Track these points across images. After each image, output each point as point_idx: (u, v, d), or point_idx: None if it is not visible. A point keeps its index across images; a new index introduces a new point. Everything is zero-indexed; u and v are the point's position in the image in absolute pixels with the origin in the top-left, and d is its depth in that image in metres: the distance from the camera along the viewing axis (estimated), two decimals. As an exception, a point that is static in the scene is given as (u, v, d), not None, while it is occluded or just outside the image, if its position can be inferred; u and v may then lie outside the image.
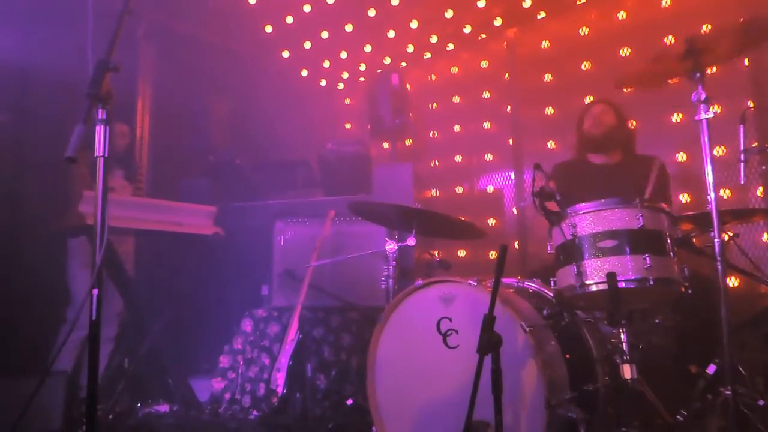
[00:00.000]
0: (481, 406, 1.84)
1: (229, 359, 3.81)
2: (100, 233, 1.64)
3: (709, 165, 2.10)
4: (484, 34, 5.25)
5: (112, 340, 3.68)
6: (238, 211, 4.39)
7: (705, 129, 2.12)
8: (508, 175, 5.02)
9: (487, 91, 5.28)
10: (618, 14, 4.53)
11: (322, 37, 5.41)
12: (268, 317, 3.84)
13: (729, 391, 1.99)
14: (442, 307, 2.35)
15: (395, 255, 2.81)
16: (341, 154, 4.67)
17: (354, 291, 3.75)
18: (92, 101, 1.60)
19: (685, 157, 4.05)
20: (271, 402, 3.30)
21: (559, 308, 2.38)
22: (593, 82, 4.50)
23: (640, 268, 2.04)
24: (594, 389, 2.19)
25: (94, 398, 1.64)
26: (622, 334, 2.13)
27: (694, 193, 3.95)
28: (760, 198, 3.71)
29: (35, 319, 3.59)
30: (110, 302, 3.59)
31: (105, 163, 1.66)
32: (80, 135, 1.51)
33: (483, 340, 1.83)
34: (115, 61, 1.67)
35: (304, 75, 6.03)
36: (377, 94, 4.99)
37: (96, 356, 1.63)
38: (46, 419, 2.68)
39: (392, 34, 5.31)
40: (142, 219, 3.35)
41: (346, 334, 3.67)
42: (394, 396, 2.45)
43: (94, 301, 1.62)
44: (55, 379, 2.80)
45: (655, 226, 2.11)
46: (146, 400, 3.64)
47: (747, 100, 3.80)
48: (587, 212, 2.16)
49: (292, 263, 3.84)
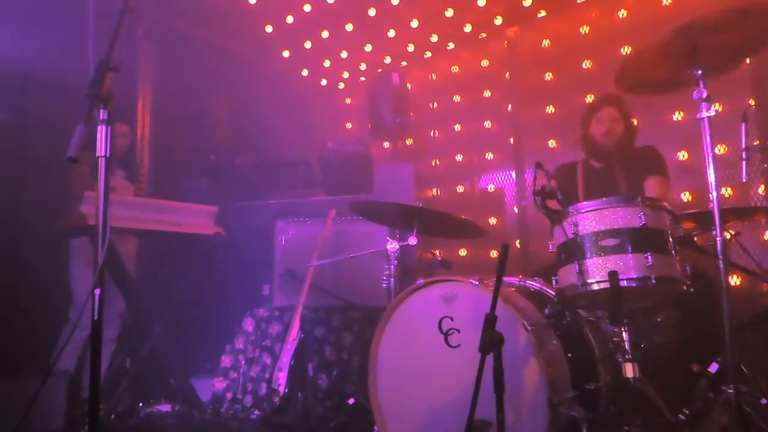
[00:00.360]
0: (483, 405, 1.84)
1: (231, 359, 3.81)
2: (102, 233, 1.64)
3: (711, 163, 2.10)
4: (484, 33, 5.25)
5: (114, 341, 3.69)
6: (239, 210, 4.39)
7: (707, 127, 2.12)
8: (509, 174, 5.02)
9: (487, 90, 5.27)
10: (618, 12, 4.52)
11: (322, 36, 5.41)
12: (269, 317, 3.84)
13: (731, 390, 1.99)
14: (444, 307, 2.35)
15: (396, 254, 2.81)
16: (342, 154, 4.66)
17: (355, 290, 3.75)
18: (93, 101, 1.60)
19: (687, 155, 4.05)
20: (272, 401, 3.30)
21: (561, 307, 2.38)
22: (594, 80, 4.50)
23: (641, 266, 2.04)
24: (596, 388, 2.19)
25: (96, 398, 1.64)
26: (624, 333, 2.13)
27: (696, 192, 3.95)
28: (762, 196, 3.70)
29: (37, 319, 3.59)
30: (112, 303, 3.59)
31: (106, 164, 1.66)
32: (81, 135, 1.51)
33: (485, 339, 1.83)
34: (115, 61, 1.67)
35: (305, 75, 6.03)
36: (378, 93, 4.98)
37: (98, 356, 1.63)
38: (48, 419, 2.68)
39: (393, 34, 5.31)
40: (142, 219, 3.34)
41: (348, 333, 3.67)
42: (396, 395, 2.45)
43: (96, 301, 1.62)
44: (57, 379, 2.81)
45: (656, 225, 2.11)
46: (148, 399, 3.65)
47: (748, 98, 3.79)
48: (589, 211, 2.16)
49: (293, 263, 3.84)
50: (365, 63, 5.84)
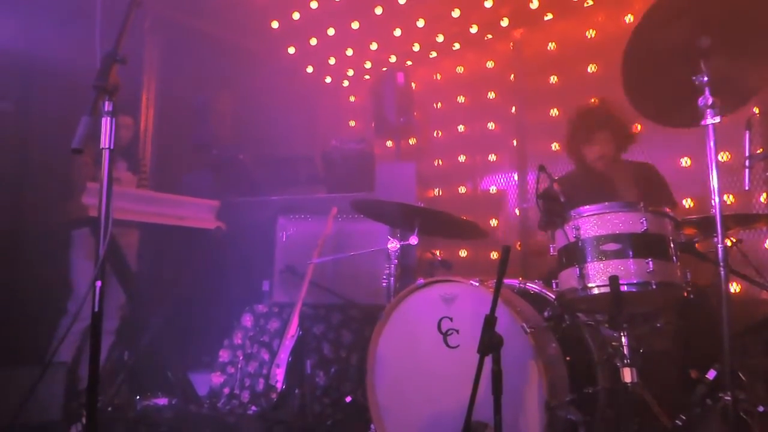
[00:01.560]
0: (481, 406, 1.84)
1: (229, 354, 3.81)
2: (104, 225, 1.64)
3: (714, 170, 2.10)
4: (490, 35, 5.24)
5: (113, 333, 3.69)
6: (241, 206, 4.39)
7: (711, 134, 2.11)
8: (511, 176, 5.02)
9: (492, 92, 5.27)
10: (625, 17, 4.51)
11: (328, 33, 5.41)
12: (268, 313, 3.84)
13: (729, 397, 1.99)
14: (443, 307, 2.35)
15: (397, 253, 2.81)
16: (345, 152, 4.67)
17: (355, 289, 3.75)
18: (99, 93, 1.60)
19: (690, 161, 4.04)
20: (269, 397, 3.30)
21: (561, 310, 2.38)
22: (599, 84, 4.49)
23: (642, 271, 2.03)
24: (594, 392, 2.20)
25: (95, 389, 1.64)
26: (623, 338, 2.12)
27: (698, 199, 3.94)
28: (764, 204, 3.70)
29: (36, 310, 3.60)
30: (112, 295, 3.59)
31: (110, 155, 1.66)
32: (87, 126, 1.51)
33: (484, 341, 1.83)
34: (122, 54, 1.66)
35: (310, 71, 6.03)
36: (382, 92, 4.98)
37: (97, 348, 1.63)
38: (45, 410, 2.69)
39: (398, 33, 5.31)
40: (144, 212, 3.35)
41: (347, 331, 3.67)
42: (394, 394, 2.46)
43: (97, 292, 1.62)
44: (56, 370, 2.81)
45: (658, 231, 2.11)
46: (145, 393, 3.65)
47: (752, 105, 3.78)
48: (591, 215, 2.16)
49: (293, 259, 3.84)
50: (370, 61, 5.83)
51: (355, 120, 6.27)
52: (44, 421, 2.66)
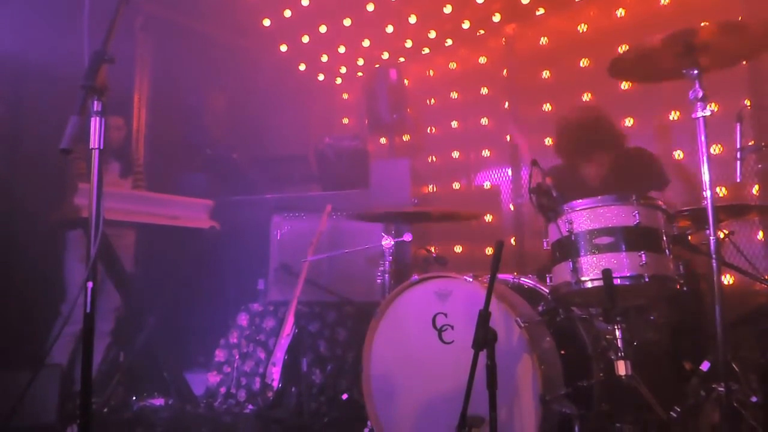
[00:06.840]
0: (476, 401, 1.85)
1: (225, 353, 3.81)
2: (95, 225, 1.63)
3: (706, 163, 2.10)
4: (482, 30, 5.24)
5: (108, 335, 3.67)
6: (235, 205, 4.38)
7: (702, 127, 2.12)
8: (505, 171, 5.03)
9: (485, 87, 5.27)
10: (617, 11, 4.52)
11: (320, 31, 5.39)
12: (264, 311, 3.84)
13: (722, 388, 2.00)
14: (438, 303, 2.35)
15: (391, 250, 2.82)
16: (339, 149, 4.66)
17: (350, 286, 3.75)
18: (87, 93, 1.59)
19: (682, 154, 4.06)
20: (266, 396, 3.30)
21: (555, 304, 2.39)
22: (591, 79, 4.50)
23: (635, 265, 2.04)
24: (588, 385, 2.20)
25: (88, 391, 1.63)
26: (617, 331, 2.14)
27: (690, 191, 3.95)
28: (756, 196, 3.72)
29: (30, 312, 3.58)
30: (107, 297, 3.58)
31: (100, 156, 1.65)
32: (75, 126, 1.50)
33: (478, 336, 1.84)
34: (111, 53, 1.65)
35: (302, 69, 6.01)
36: (375, 89, 4.98)
37: (90, 350, 1.62)
38: (40, 412, 2.68)
39: (391, 29, 5.30)
40: (137, 212, 3.33)
41: (342, 329, 3.67)
42: (390, 391, 2.46)
43: (88, 293, 1.61)
44: (50, 372, 2.80)
45: (651, 223, 2.12)
46: (141, 393, 3.64)
47: (744, 98, 3.80)
48: (584, 209, 2.16)
49: (288, 258, 3.84)
50: (363, 58, 5.82)
51: (349, 117, 6.26)
52: (39, 423, 2.65)
